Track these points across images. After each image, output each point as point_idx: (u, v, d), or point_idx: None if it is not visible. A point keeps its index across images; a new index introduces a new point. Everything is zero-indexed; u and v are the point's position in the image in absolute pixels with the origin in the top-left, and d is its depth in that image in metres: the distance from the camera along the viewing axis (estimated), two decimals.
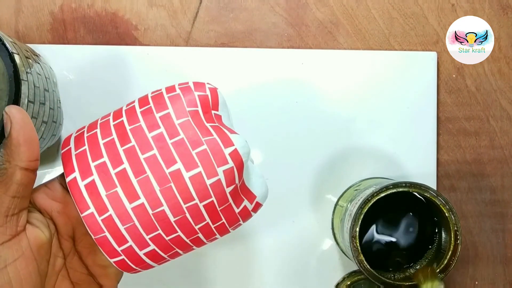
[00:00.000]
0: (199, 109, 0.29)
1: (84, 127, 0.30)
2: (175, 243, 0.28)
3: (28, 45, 0.41)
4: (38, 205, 0.28)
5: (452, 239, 0.35)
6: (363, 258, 0.35)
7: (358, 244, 0.35)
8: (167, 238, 0.27)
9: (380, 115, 0.44)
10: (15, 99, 0.31)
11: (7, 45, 0.31)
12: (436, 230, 0.38)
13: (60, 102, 0.41)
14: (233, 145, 0.28)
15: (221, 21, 0.45)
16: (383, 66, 0.44)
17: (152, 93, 0.31)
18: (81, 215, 0.26)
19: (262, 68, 0.44)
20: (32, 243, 0.26)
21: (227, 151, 0.28)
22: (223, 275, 0.44)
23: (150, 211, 0.26)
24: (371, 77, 0.44)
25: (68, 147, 0.29)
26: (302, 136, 0.44)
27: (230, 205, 0.28)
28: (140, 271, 0.29)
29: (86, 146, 0.28)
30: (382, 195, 0.35)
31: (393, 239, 0.43)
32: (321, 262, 0.44)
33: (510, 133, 0.45)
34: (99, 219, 0.26)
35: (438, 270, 0.36)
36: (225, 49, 0.44)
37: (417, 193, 0.36)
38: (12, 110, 0.25)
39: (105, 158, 0.27)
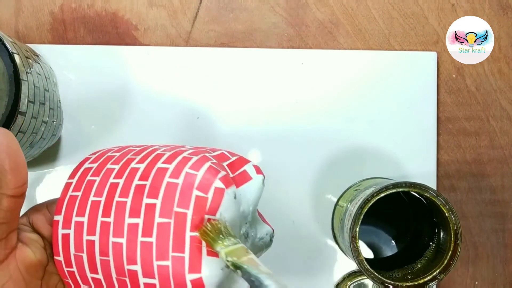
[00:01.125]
0: (189, 211, 0.25)
1: (98, 159, 0.29)
2: None
3: (28, 45, 0.41)
4: (35, 227, 0.28)
5: (452, 239, 0.35)
6: (363, 258, 0.35)
7: (358, 244, 0.35)
8: None
9: (380, 115, 0.44)
10: (15, 99, 0.31)
11: (7, 45, 0.31)
12: (436, 230, 0.38)
13: (60, 102, 0.41)
14: (199, 272, 0.25)
15: (221, 21, 0.45)
16: (383, 66, 0.44)
17: (163, 162, 0.27)
18: (54, 258, 0.27)
19: (262, 68, 0.44)
20: (20, 264, 0.26)
21: (189, 276, 0.25)
22: None
23: (105, 286, 0.27)
24: (371, 77, 0.44)
25: (71, 180, 0.28)
26: (302, 136, 0.44)
27: None
28: None
29: (80, 193, 0.27)
30: (382, 195, 0.35)
31: (393, 239, 0.43)
32: (321, 262, 0.44)
33: (510, 133, 0.45)
34: (65, 269, 0.27)
35: (438, 271, 0.36)
36: (225, 49, 0.44)
37: (417, 193, 0.36)
38: None
39: (85, 220, 0.26)
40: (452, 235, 0.35)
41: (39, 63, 0.38)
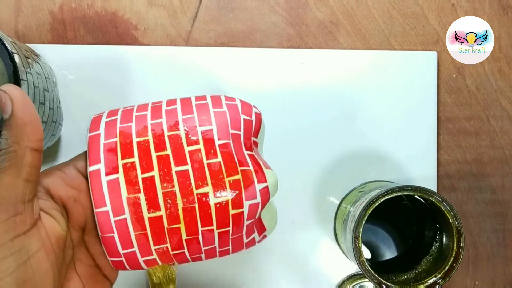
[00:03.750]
0: (241, 133, 0.28)
1: (117, 113, 0.29)
2: (178, 258, 0.28)
3: (28, 45, 0.41)
4: (52, 191, 0.26)
5: (455, 245, 0.35)
6: (365, 259, 0.35)
7: (360, 245, 0.35)
8: (172, 253, 0.27)
9: (380, 115, 0.44)
10: None
11: (7, 45, 0.31)
12: (438, 235, 0.38)
13: (60, 102, 0.41)
14: (266, 182, 0.27)
15: (221, 21, 0.44)
16: (383, 66, 0.44)
17: (197, 99, 0.29)
18: (95, 210, 0.25)
19: (262, 68, 0.44)
20: (50, 233, 0.25)
21: (258, 186, 0.27)
22: (222, 275, 0.44)
23: (166, 225, 0.26)
24: (371, 77, 0.44)
25: (97, 132, 0.27)
26: (302, 136, 0.44)
27: (242, 236, 0.28)
28: (128, 270, 0.29)
29: (117, 139, 0.27)
30: (387, 197, 0.35)
31: (394, 242, 0.43)
32: (321, 263, 0.44)
33: (510, 133, 0.45)
34: (112, 219, 0.25)
35: (439, 276, 0.35)
36: (225, 49, 0.44)
37: (422, 197, 0.36)
38: (11, 89, 0.23)
39: (136, 159, 0.26)
40: (455, 241, 0.35)
41: (38, 63, 0.38)
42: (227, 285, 0.44)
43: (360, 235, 0.35)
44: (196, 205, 0.26)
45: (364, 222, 0.35)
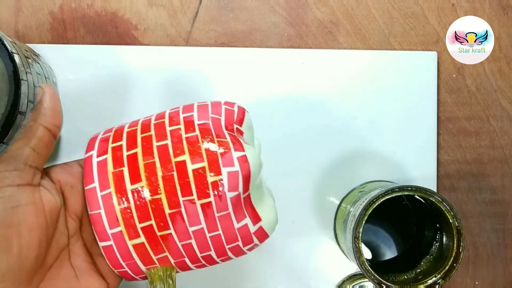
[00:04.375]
0: (222, 118, 0.30)
1: (109, 130, 0.32)
2: (166, 242, 0.28)
3: (28, 45, 0.41)
4: (52, 176, 0.29)
5: (455, 245, 0.35)
6: (365, 259, 0.35)
7: (360, 245, 0.35)
8: (158, 234, 0.27)
9: (380, 115, 0.44)
10: (15, 99, 0.31)
11: (7, 45, 0.31)
12: (438, 235, 0.38)
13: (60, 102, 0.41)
14: (243, 151, 0.28)
15: (221, 21, 0.44)
16: (383, 66, 0.44)
17: (184, 105, 0.32)
18: (85, 189, 0.27)
19: (262, 68, 0.44)
20: (45, 201, 0.26)
21: (236, 154, 0.28)
22: (222, 275, 0.44)
23: (148, 197, 0.27)
24: (371, 77, 0.44)
25: (95, 134, 0.31)
26: (302, 136, 0.44)
27: (229, 215, 0.28)
28: (127, 272, 0.29)
29: (111, 133, 0.30)
30: (388, 197, 0.35)
31: (394, 242, 0.43)
32: (321, 263, 0.44)
33: (510, 133, 0.45)
34: (99, 194, 0.27)
35: (439, 276, 0.35)
36: (225, 49, 0.44)
37: (422, 197, 0.36)
38: (45, 87, 0.29)
39: (123, 142, 0.28)
40: (455, 241, 0.35)
41: (38, 63, 0.38)
42: (226, 285, 0.44)
43: (360, 235, 0.35)
44: (175, 173, 0.27)
45: (364, 222, 0.35)
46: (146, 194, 0.27)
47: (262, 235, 0.30)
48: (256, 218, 0.29)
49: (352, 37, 0.45)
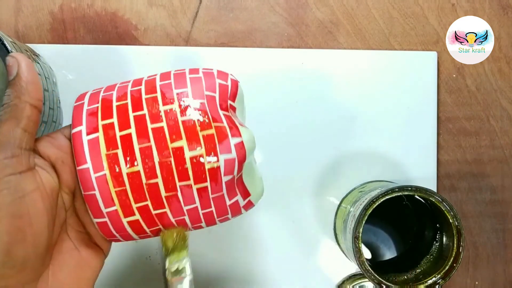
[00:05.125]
0: (217, 95, 0.29)
1: (101, 88, 0.31)
2: (161, 219, 0.28)
3: (28, 45, 0.41)
4: (41, 152, 0.28)
5: (455, 245, 0.35)
6: (365, 259, 0.35)
7: (360, 245, 0.35)
8: (153, 212, 0.27)
9: (380, 115, 0.44)
10: None
11: (7, 45, 0.31)
12: (438, 235, 0.38)
13: (60, 102, 0.41)
14: (240, 136, 0.28)
15: (221, 21, 0.44)
16: (383, 66, 0.44)
17: (176, 71, 0.31)
18: (77, 168, 0.27)
19: (262, 68, 0.44)
20: (45, 183, 0.26)
21: (233, 141, 0.28)
22: (222, 275, 0.44)
23: (144, 180, 0.27)
24: (371, 77, 0.44)
25: (82, 102, 0.29)
26: (302, 136, 0.44)
27: (223, 196, 0.28)
28: (120, 240, 0.29)
29: (99, 105, 0.28)
30: (388, 197, 0.35)
31: (394, 242, 0.43)
32: (321, 263, 0.44)
33: (510, 133, 0.45)
34: (93, 176, 0.26)
35: (439, 276, 0.35)
36: (225, 49, 0.44)
37: (422, 197, 0.36)
38: (18, 56, 0.27)
39: (114, 120, 0.27)
40: (455, 241, 0.35)
41: (39, 63, 0.38)
42: (226, 285, 0.44)
43: (360, 235, 0.35)
44: (172, 159, 0.27)
45: (364, 222, 0.35)
46: (143, 178, 0.27)
47: (249, 206, 0.31)
48: (246, 194, 0.30)
49: (352, 37, 0.45)
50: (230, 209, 0.30)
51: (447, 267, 0.35)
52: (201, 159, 0.27)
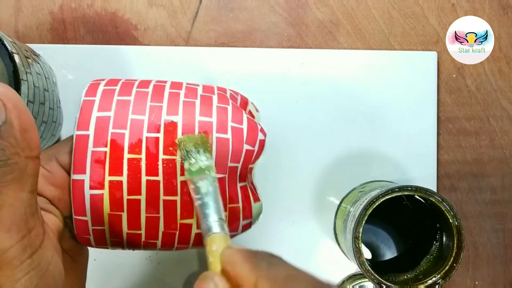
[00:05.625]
0: (240, 165, 0.27)
1: (112, 97, 0.29)
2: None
3: (28, 45, 0.41)
4: (39, 192, 0.25)
5: (455, 245, 0.35)
6: (365, 259, 0.35)
7: (360, 245, 0.35)
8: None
9: (380, 115, 0.44)
10: None
11: (7, 45, 0.31)
12: (438, 235, 0.38)
13: (60, 102, 0.41)
14: (250, 218, 0.28)
15: (221, 21, 0.44)
16: (383, 66, 0.44)
17: (201, 114, 0.28)
18: (74, 217, 0.25)
19: (262, 68, 0.44)
20: (54, 229, 0.24)
21: (243, 222, 0.28)
22: None
23: (142, 244, 0.27)
24: (371, 77, 0.44)
25: (87, 139, 0.26)
26: (302, 136, 0.44)
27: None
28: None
29: (107, 149, 0.25)
30: (388, 197, 0.35)
31: (394, 242, 0.43)
32: (321, 263, 0.44)
33: (510, 133, 0.45)
34: (90, 228, 0.25)
35: (439, 276, 0.35)
36: (225, 49, 0.44)
37: (422, 197, 0.36)
38: (4, 91, 0.20)
39: (124, 179, 0.25)
40: (455, 241, 0.35)
41: (38, 63, 0.38)
42: None
43: (360, 235, 0.35)
44: (177, 232, 0.26)
45: (364, 222, 0.35)
46: (142, 239, 0.26)
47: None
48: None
49: (352, 37, 0.45)
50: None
51: (447, 267, 0.35)
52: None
